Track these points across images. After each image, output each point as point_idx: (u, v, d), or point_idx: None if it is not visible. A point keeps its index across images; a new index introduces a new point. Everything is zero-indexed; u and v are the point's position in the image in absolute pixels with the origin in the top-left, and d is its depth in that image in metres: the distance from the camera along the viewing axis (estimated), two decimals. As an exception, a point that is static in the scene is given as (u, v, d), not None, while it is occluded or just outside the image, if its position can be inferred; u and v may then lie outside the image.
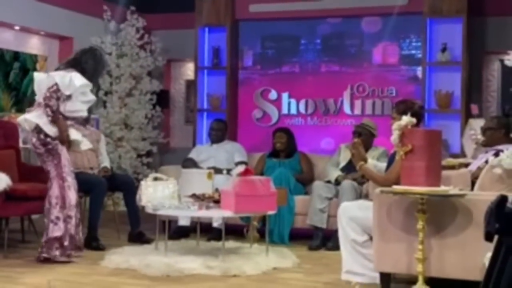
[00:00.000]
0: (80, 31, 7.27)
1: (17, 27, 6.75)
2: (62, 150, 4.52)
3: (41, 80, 4.52)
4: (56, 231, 4.52)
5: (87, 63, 4.59)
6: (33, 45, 7.09)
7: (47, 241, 4.55)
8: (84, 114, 4.62)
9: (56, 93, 4.42)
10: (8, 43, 6.76)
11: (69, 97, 4.47)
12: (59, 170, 4.49)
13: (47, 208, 4.55)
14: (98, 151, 5.78)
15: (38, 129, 4.48)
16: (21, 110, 6.63)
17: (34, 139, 4.52)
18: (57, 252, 4.56)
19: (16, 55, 6.88)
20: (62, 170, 4.49)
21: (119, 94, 7.74)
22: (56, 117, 4.45)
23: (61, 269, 4.42)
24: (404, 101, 4.08)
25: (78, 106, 4.49)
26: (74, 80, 4.42)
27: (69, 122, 4.59)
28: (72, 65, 4.56)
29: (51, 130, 4.46)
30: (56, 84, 4.43)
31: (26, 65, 6.99)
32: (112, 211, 6.12)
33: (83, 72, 4.53)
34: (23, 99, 6.90)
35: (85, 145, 4.85)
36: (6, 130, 5.52)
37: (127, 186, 5.57)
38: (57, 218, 4.52)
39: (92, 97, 4.57)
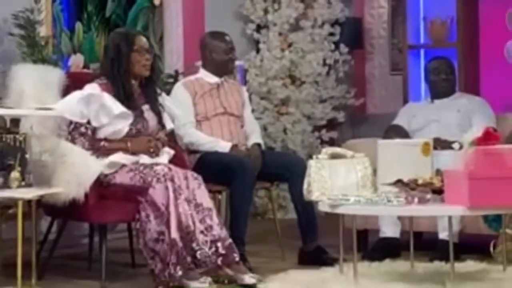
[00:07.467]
0: None
1: None
2: None
3: None
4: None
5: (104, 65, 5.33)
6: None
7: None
8: (124, 130, 5.17)
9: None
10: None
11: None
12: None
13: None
14: (242, 117, 5.98)
15: None
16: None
17: None
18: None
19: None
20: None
21: (278, 28, 7.87)
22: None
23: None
24: None
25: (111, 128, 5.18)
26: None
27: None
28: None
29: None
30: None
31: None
32: (272, 218, 6.27)
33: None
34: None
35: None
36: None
37: (295, 172, 5.63)
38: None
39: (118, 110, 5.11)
